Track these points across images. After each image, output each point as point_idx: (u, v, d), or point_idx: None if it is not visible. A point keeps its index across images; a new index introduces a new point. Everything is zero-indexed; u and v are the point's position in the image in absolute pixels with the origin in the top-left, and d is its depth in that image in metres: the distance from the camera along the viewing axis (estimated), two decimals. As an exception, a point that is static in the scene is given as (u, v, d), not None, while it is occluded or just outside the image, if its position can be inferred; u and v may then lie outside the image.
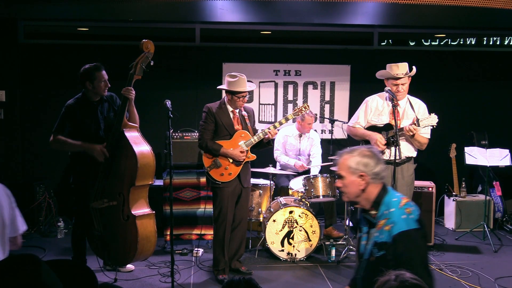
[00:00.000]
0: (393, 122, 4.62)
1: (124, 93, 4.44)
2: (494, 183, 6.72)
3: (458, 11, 6.56)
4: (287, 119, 4.98)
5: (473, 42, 7.60)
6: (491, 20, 6.74)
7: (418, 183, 5.96)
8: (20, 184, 6.56)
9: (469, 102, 7.52)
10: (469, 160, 6.34)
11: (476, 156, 6.29)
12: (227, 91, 4.82)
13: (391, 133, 4.59)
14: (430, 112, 4.71)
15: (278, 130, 4.96)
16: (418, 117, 4.64)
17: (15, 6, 6.33)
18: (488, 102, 7.54)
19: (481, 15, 6.58)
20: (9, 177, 6.72)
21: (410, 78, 4.75)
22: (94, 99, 4.62)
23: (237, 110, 4.93)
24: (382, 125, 4.67)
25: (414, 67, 4.77)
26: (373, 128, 4.73)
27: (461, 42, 7.60)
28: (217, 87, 5.27)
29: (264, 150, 5.12)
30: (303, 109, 5.05)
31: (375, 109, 4.74)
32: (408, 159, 4.67)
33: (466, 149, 6.42)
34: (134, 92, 4.49)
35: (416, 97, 4.90)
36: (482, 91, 7.55)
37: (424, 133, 4.74)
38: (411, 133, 4.54)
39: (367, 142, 4.74)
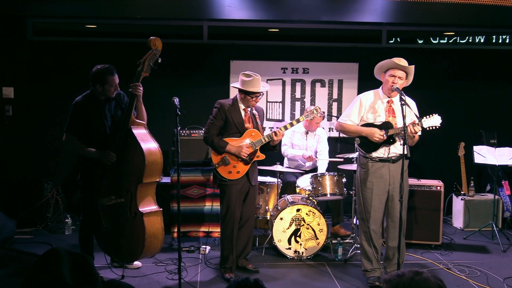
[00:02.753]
0: (390, 120, 4.60)
1: (132, 90, 4.44)
2: (503, 182, 6.67)
3: (467, 9, 6.53)
4: (298, 121, 4.97)
5: (482, 40, 7.55)
6: (500, 18, 6.69)
7: (426, 181, 5.94)
8: (28, 180, 6.59)
9: (478, 101, 7.48)
10: (478, 159, 6.31)
11: (485, 155, 6.25)
12: (241, 90, 4.81)
13: (391, 131, 4.53)
14: (432, 112, 4.61)
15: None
16: (418, 116, 4.59)
17: (24, 3, 6.35)
18: (497, 101, 7.49)
19: (490, 13, 6.54)
20: (18, 174, 6.76)
21: (406, 81, 4.66)
22: (102, 98, 4.63)
23: (249, 109, 4.92)
24: (380, 123, 4.61)
25: (412, 66, 4.67)
26: (368, 125, 4.65)
27: (470, 40, 7.55)
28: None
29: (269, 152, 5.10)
30: (315, 111, 5.03)
31: (370, 107, 4.67)
32: (401, 155, 4.61)
33: (475, 148, 6.39)
34: (141, 88, 4.48)
35: (424, 95, 4.84)
36: (491, 90, 7.50)
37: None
38: (415, 134, 4.50)
39: (362, 138, 4.68)
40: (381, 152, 4.63)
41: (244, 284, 2.05)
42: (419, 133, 4.58)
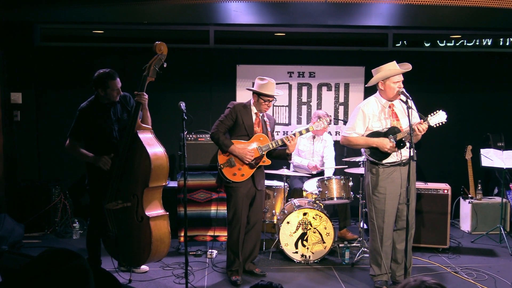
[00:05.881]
0: (394, 124, 4.58)
1: (137, 98, 4.46)
2: (510, 185, 6.63)
3: (473, 12, 6.51)
4: (307, 130, 4.98)
5: (489, 43, 7.53)
6: (507, 20, 6.66)
7: (433, 185, 5.92)
8: (36, 185, 6.63)
9: (485, 104, 7.45)
10: (485, 162, 6.28)
11: (492, 158, 6.22)
12: (256, 92, 4.85)
13: (399, 135, 4.51)
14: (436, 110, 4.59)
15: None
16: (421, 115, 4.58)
17: (31, 9, 6.40)
18: (504, 104, 7.47)
19: (497, 15, 6.52)
20: (26, 178, 6.80)
21: None
22: (106, 102, 4.65)
23: (261, 114, 4.96)
24: (386, 129, 4.58)
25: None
26: (375, 134, 4.64)
27: (477, 43, 7.53)
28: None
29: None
30: (325, 122, 5.02)
31: (373, 115, 4.63)
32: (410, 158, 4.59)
33: (482, 151, 6.35)
34: (146, 96, 4.50)
35: (431, 98, 4.83)
36: (498, 92, 7.48)
37: None
38: (423, 133, 4.48)
39: (373, 149, 4.65)
40: (393, 157, 4.60)
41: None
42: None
